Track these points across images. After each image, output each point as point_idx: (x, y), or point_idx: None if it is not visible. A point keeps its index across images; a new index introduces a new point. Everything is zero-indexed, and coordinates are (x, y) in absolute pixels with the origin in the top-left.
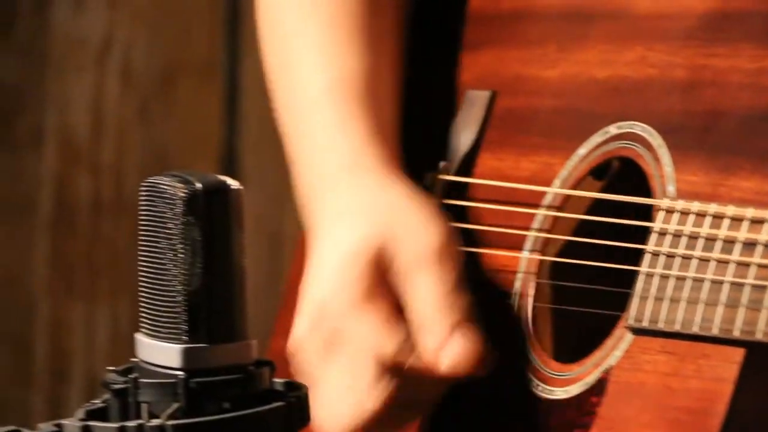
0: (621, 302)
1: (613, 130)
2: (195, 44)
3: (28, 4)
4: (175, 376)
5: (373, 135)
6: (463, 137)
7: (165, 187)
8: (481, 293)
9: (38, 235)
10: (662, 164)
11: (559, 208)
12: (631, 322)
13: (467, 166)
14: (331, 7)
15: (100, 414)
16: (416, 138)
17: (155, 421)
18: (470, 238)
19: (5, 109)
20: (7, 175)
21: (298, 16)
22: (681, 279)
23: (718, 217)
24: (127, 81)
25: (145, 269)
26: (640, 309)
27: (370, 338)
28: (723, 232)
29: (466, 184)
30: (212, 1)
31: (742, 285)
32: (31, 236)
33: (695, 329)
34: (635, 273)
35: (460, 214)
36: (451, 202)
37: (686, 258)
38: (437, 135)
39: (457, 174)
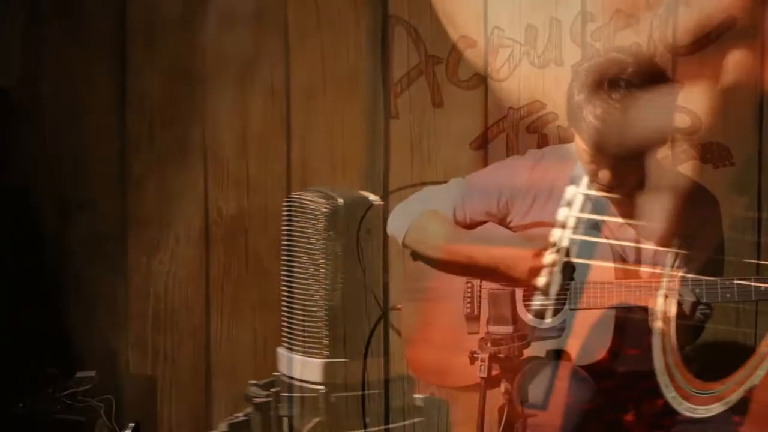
0: (764, 321)
1: None
2: (339, 60)
3: (176, 21)
4: (316, 390)
5: None
6: None
7: (307, 202)
8: (625, 309)
9: (183, 248)
10: None
11: None
12: None
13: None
14: None
15: (242, 427)
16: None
17: None
18: (616, 252)
19: (153, 123)
20: (154, 189)
21: None
22: None
23: None
24: (271, 96)
25: (287, 284)
26: None
27: None
28: None
29: (611, 200)
30: (358, 17)
31: None
32: (176, 250)
33: None
34: None
35: (605, 229)
36: (593, 217)
37: None
38: None
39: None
